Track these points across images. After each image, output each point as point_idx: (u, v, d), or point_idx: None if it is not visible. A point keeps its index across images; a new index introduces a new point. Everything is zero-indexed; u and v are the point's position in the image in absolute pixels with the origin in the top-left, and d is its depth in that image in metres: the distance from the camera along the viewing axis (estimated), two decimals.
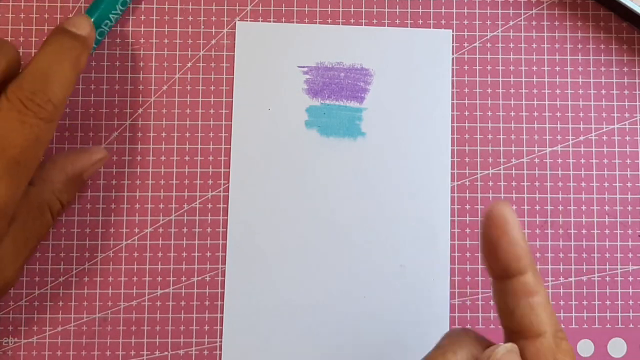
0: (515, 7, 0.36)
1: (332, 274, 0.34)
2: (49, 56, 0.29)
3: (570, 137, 0.35)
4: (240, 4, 0.35)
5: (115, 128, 0.35)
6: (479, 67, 0.35)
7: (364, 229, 0.34)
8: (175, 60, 0.35)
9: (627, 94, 0.36)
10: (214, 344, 0.34)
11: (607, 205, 0.35)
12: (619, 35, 0.36)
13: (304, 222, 0.34)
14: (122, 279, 0.34)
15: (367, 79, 0.35)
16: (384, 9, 0.35)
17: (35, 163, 0.29)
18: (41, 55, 0.29)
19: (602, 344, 0.35)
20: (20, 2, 0.35)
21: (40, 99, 0.28)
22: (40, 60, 0.29)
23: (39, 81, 0.29)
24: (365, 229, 0.34)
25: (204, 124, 0.35)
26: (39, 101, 0.28)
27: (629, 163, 0.35)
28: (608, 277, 0.35)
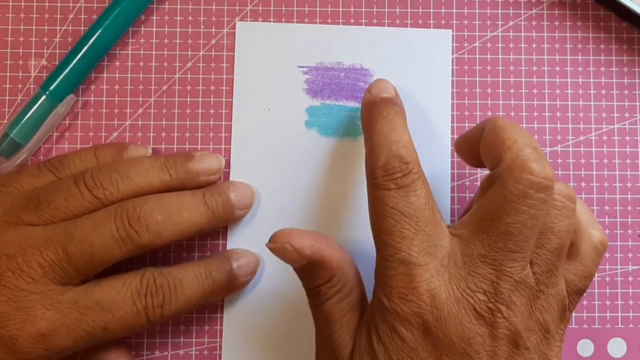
0: (515, 7, 0.36)
1: None
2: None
3: (570, 137, 0.35)
4: (240, 4, 0.35)
5: (115, 128, 0.35)
6: (479, 67, 0.35)
7: (365, 229, 0.34)
8: (175, 60, 0.35)
9: (627, 94, 0.36)
10: (214, 344, 0.34)
11: (607, 205, 0.35)
12: (619, 35, 0.36)
13: (304, 222, 0.34)
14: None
15: (367, 79, 0.35)
16: (384, 9, 0.35)
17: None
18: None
19: (602, 344, 0.35)
20: (20, 2, 0.35)
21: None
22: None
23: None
24: (365, 229, 0.34)
25: (204, 124, 0.35)
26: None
27: (629, 163, 0.35)
28: (608, 277, 0.35)
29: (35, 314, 0.29)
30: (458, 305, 0.26)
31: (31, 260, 0.29)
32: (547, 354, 0.27)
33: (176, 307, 0.31)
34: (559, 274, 0.28)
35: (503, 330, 0.26)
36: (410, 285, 0.26)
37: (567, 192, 0.28)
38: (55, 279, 0.29)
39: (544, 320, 0.27)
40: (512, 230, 0.26)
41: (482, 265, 0.26)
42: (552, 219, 0.27)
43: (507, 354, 0.26)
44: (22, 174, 0.32)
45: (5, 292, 0.29)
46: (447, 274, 0.27)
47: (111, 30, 0.34)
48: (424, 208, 0.27)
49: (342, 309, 0.28)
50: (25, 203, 0.30)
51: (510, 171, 0.26)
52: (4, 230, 0.30)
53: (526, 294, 0.27)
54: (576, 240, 0.29)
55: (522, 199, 0.26)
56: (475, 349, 0.26)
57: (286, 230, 0.28)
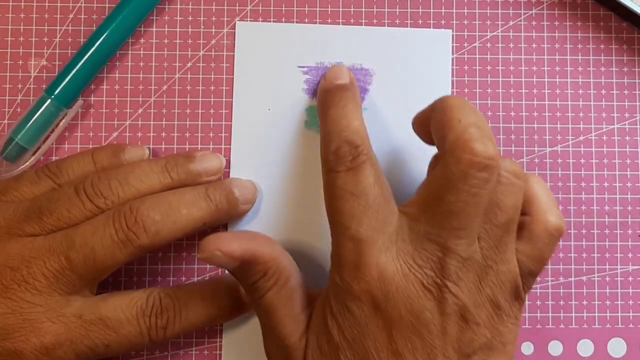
0: (515, 7, 0.36)
1: None
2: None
3: (570, 137, 0.35)
4: (240, 4, 0.35)
5: (115, 128, 0.35)
6: (479, 67, 0.35)
7: None
8: (175, 60, 0.35)
9: (627, 94, 0.36)
10: (214, 344, 0.34)
11: (607, 205, 0.35)
12: (619, 35, 0.36)
13: (305, 222, 0.34)
14: (122, 279, 0.34)
15: (367, 79, 0.35)
16: (384, 9, 0.35)
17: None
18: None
19: (602, 344, 0.35)
20: (20, 2, 0.35)
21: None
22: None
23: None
24: None
25: (204, 124, 0.35)
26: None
27: (629, 163, 0.35)
28: (608, 277, 0.35)
29: (40, 327, 0.29)
30: (406, 280, 0.26)
31: (35, 272, 0.29)
32: (500, 330, 0.27)
33: (179, 329, 0.31)
34: (509, 250, 0.28)
35: (451, 305, 0.26)
36: (360, 261, 0.27)
37: (513, 168, 0.28)
38: (60, 289, 0.29)
39: (494, 297, 0.27)
40: (455, 209, 0.26)
41: (428, 242, 0.27)
42: (499, 195, 0.27)
43: (457, 328, 0.27)
44: (20, 181, 0.32)
45: (10, 305, 0.29)
46: (395, 250, 0.27)
47: (117, 33, 0.34)
48: (372, 187, 0.28)
49: (281, 298, 0.29)
50: (27, 214, 0.30)
51: (452, 151, 0.26)
52: (7, 242, 0.30)
53: (474, 269, 0.27)
54: (531, 223, 0.29)
55: (464, 179, 0.26)
56: (424, 323, 0.26)
57: (212, 237, 0.28)
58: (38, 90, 0.35)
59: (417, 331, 0.26)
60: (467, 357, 0.27)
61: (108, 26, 0.33)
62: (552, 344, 0.35)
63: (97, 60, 0.34)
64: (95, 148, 0.34)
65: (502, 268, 0.27)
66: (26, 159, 0.33)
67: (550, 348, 0.35)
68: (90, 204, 0.31)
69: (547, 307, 0.35)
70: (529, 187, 0.29)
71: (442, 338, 0.26)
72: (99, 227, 0.30)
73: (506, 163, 0.28)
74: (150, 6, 0.34)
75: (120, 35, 0.34)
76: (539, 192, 0.29)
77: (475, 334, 0.27)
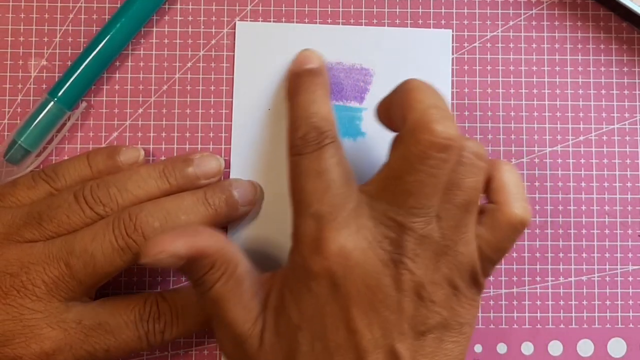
0: (515, 7, 0.36)
1: None
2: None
3: (570, 137, 0.35)
4: (240, 4, 0.35)
5: (115, 128, 0.35)
6: (479, 67, 0.35)
7: None
8: (175, 60, 0.35)
9: (627, 94, 0.36)
10: (214, 344, 0.34)
11: (607, 205, 0.35)
12: (619, 35, 0.36)
13: None
14: (121, 278, 0.34)
15: (367, 79, 0.35)
16: (384, 9, 0.35)
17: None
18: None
19: (602, 344, 0.35)
20: (20, 2, 0.35)
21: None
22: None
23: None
24: None
25: (204, 124, 0.35)
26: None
27: (629, 163, 0.35)
28: (608, 277, 0.35)
29: (40, 333, 0.29)
30: (365, 255, 0.27)
31: (35, 278, 0.29)
32: (457, 310, 0.27)
33: (177, 333, 0.31)
34: (469, 231, 0.28)
35: (407, 281, 0.27)
36: (320, 236, 0.27)
37: (476, 150, 0.28)
38: (59, 295, 0.29)
39: (451, 276, 0.27)
40: (412, 188, 0.26)
41: (387, 219, 0.27)
42: (459, 175, 0.27)
43: (413, 305, 0.27)
44: (17, 186, 0.32)
45: (10, 311, 0.29)
46: (355, 226, 0.27)
47: (121, 35, 0.34)
48: (335, 167, 0.28)
49: (230, 288, 0.28)
50: (26, 220, 0.31)
51: (412, 132, 0.26)
52: (6, 248, 0.30)
53: (431, 247, 0.27)
54: (495, 211, 0.29)
55: (422, 159, 0.26)
56: (380, 299, 0.26)
57: (153, 240, 0.27)
58: (38, 90, 0.35)
59: (374, 307, 0.26)
60: (422, 334, 0.27)
61: (111, 28, 0.33)
62: (552, 344, 0.35)
63: (100, 62, 0.34)
64: (91, 151, 0.34)
65: (461, 249, 0.27)
66: (29, 162, 0.33)
67: (550, 348, 0.35)
68: (90, 211, 0.31)
69: (547, 307, 0.35)
70: (499, 175, 0.29)
71: (397, 314, 0.26)
72: (99, 234, 0.30)
73: (470, 143, 0.28)
74: (154, 8, 0.34)
75: (123, 37, 0.34)
76: (508, 181, 0.29)
77: (431, 311, 0.27)
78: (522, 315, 0.35)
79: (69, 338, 0.29)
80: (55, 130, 0.34)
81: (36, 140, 0.33)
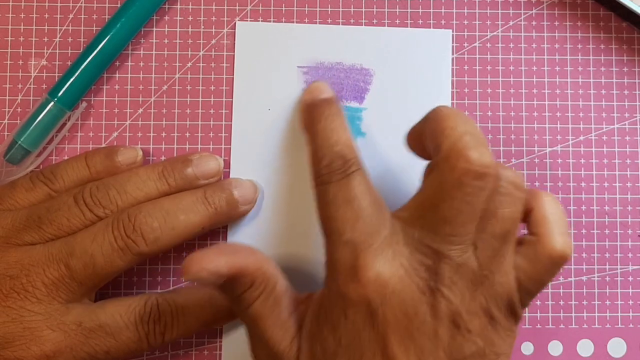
0: (515, 7, 0.36)
1: None
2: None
3: (570, 137, 0.35)
4: (240, 4, 0.35)
5: (115, 128, 0.35)
6: (479, 67, 0.35)
7: None
8: (175, 60, 0.35)
9: (627, 94, 0.36)
10: (214, 344, 0.34)
11: (607, 205, 0.35)
12: (619, 35, 0.36)
13: (305, 223, 0.34)
14: (121, 278, 0.34)
15: (367, 79, 0.35)
16: (384, 9, 0.35)
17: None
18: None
19: (602, 344, 0.35)
20: (20, 2, 0.35)
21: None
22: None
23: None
24: None
25: (204, 124, 0.35)
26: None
27: (629, 163, 0.35)
28: (608, 277, 0.35)
29: (40, 335, 0.29)
30: (402, 282, 0.26)
31: (35, 280, 0.29)
32: (494, 340, 0.27)
33: (177, 334, 0.31)
34: (506, 262, 0.27)
35: (444, 309, 0.26)
36: (356, 263, 0.27)
37: (514, 179, 0.27)
38: (59, 297, 0.30)
39: (487, 306, 0.27)
40: (448, 215, 0.26)
41: (423, 246, 0.27)
42: (496, 204, 0.27)
43: (449, 333, 0.26)
44: (15, 188, 0.32)
45: (10, 313, 0.29)
46: (391, 253, 0.27)
47: (121, 35, 0.34)
48: (364, 195, 0.28)
49: (269, 305, 0.28)
50: (26, 223, 0.31)
51: (447, 159, 0.26)
52: (6, 251, 0.30)
53: (468, 276, 0.27)
54: (536, 244, 0.28)
55: (458, 186, 0.26)
56: (417, 326, 0.26)
57: (195, 256, 0.27)
58: (38, 90, 0.35)
59: (411, 334, 0.26)
60: None
61: (111, 28, 0.33)
62: (552, 344, 0.35)
63: (100, 62, 0.34)
64: (88, 152, 0.34)
65: (498, 279, 0.27)
66: (29, 162, 0.33)
67: (550, 348, 0.35)
68: (90, 213, 0.31)
69: (547, 307, 0.35)
70: (541, 206, 0.29)
71: (434, 342, 0.26)
72: (99, 235, 0.30)
73: (507, 173, 0.27)
74: (154, 8, 0.34)
75: (123, 37, 0.34)
76: (551, 213, 0.29)
77: (467, 340, 0.27)
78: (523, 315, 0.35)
79: (69, 340, 0.29)
80: (55, 131, 0.34)
81: (36, 141, 0.33)
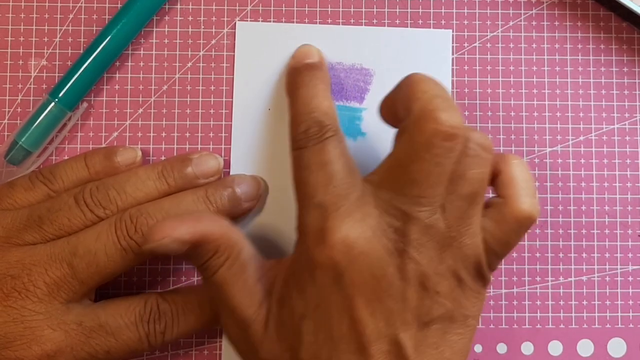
0: (515, 7, 0.36)
1: None
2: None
3: (570, 137, 0.35)
4: (240, 4, 0.35)
5: (115, 128, 0.35)
6: (479, 67, 0.35)
7: None
8: (175, 60, 0.35)
9: (627, 94, 0.36)
10: (214, 344, 0.34)
11: (607, 205, 0.35)
12: (619, 35, 0.36)
13: None
14: (121, 279, 0.34)
15: (367, 79, 0.35)
16: (384, 9, 0.35)
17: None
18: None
19: (602, 344, 0.35)
20: (20, 2, 0.35)
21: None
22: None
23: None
24: None
25: (204, 124, 0.35)
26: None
27: (629, 163, 0.35)
28: (608, 277, 0.35)
29: (41, 334, 0.29)
30: (369, 244, 0.26)
31: (37, 280, 0.29)
32: (462, 302, 0.27)
33: (178, 333, 0.31)
34: (474, 223, 0.27)
35: (411, 271, 0.26)
36: (324, 225, 0.27)
37: (482, 141, 0.28)
38: (60, 296, 0.30)
39: (456, 268, 0.27)
40: (417, 177, 0.26)
41: (391, 208, 0.27)
42: (464, 166, 0.27)
43: (417, 295, 0.27)
44: (14, 188, 0.32)
45: (11, 313, 0.29)
46: (359, 215, 0.27)
47: (121, 36, 0.34)
48: (337, 159, 0.28)
49: (235, 272, 0.28)
50: (26, 223, 0.31)
51: (417, 121, 0.26)
52: (7, 251, 0.30)
53: (436, 238, 0.27)
54: (503, 205, 0.28)
55: (427, 147, 0.26)
56: (384, 288, 0.26)
57: (157, 226, 0.27)
58: (38, 90, 0.35)
59: (378, 296, 0.26)
60: (425, 325, 0.27)
61: (112, 29, 0.33)
62: (552, 344, 0.35)
63: (101, 63, 0.34)
64: (87, 152, 0.33)
65: (466, 241, 0.27)
66: (30, 162, 0.33)
67: (550, 348, 0.35)
68: (91, 213, 0.31)
69: (547, 307, 0.35)
70: (508, 169, 0.29)
71: (401, 304, 0.26)
72: (102, 235, 0.30)
73: (475, 135, 0.28)
74: (155, 9, 0.34)
75: (124, 38, 0.34)
76: (517, 175, 0.29)
77: (435, 302, 0.27)
78: (522, 315, 0.35)
79: (70, 340, 0.29)
80: (56, 131, 0.34)
81: (37, 141, 0.33)
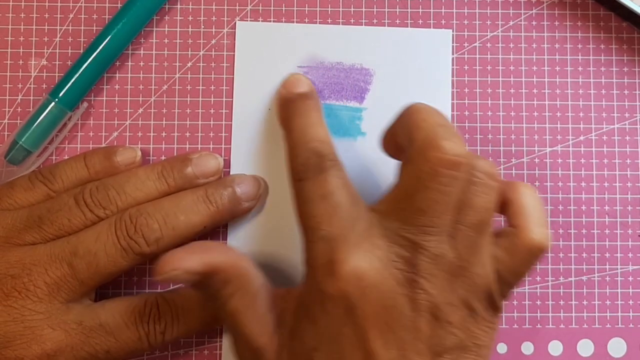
0: (515, 7, 0.36)
1: None
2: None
3: (570, 137, 0.35)
4: (240, 4, 0.35)
5: (115, 128, 0.35)
6: (479, 67, 0.35)
7: None
8: (175, 60, 0.35)
9: (627, 94, 0.36)
10: (214, 344, 0.34)
11: (607, 205, 0.35)
12: (619, 35, 0.36)
13: None
14: (121, 279, 0.34)
15: (367, 79, 0.35)
16: (384, 9, 0.35)
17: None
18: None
19: (602, 344, 0.35)
20: (20, 2, 0.35)
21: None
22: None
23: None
24: None
25: (204, 124, 0.35)
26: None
27: (629, 163, 0.35)
28: (608, 277, 0.35)
29: (41, 334, 0.29)
30: (380, 275, 0.26)
31: (37, 279, 0.29)
32: (474, 332, 0.27)
33: (177, 334, 0.31)
34: (484, 253, 0.27)
35: (423, 302, 0.26)
36: (333, 258, 0.27)
37: (487, 169, 0.27)
38: (60, 296, 0.30)
39: (467, 298, 0.27)
40: (424, 206, 0.26)
41: (399, 238, 0.27)
42: (470, 194, 0.27)
43: (429, 325, 0.26)
44: (14, 187, 0.32)
45: (12, 312, 0.29)
46: (368, 246, 0.27)
47: (121, 36, 0.34)
48: (340, 189, 0.28)
49: (246, 302, 0.28)
50: (26, 223, 0.31)
51: (421, 150, 0.26)
52: (7, 251, 0.30)
53: (446, 268, 0.27)
54: (514, 236, 0.28)
55: (432, 176, 0.26)
56: (396, 319, 0.26)
57: (167, 257, 0.27)
58: (38, 90, 0.35)
59: (390, 327, 0.26)
60: (438, 355, 0.26)
61: (112, 29, 0.33)
62: (552, 344, 0.35)
63: (101, 63, 0.34)
64: (87, 152, 0.33)
65: (476, 270, 0.27)
66: (30, 162, 0.33)
67: (550, 348, 0.35)
68: (91, 214, 0.31)
69: (547, 307, 0.35)
70: (518, 198, 0.29)
71: (414, 334, 0.26)
72: (102, 235, 0.30)
73: (480, 162, 0.27)
74: (155, 9, 0.34)
75: (124, 37, 0.34)
76: (528, 204, 0.29)
77: (447, 332, 0.27)
78: (522, 315, 0.35)
79: (70, 339, 0.29)
80: (56, 131, 0.34)
81: (37, 141, 0.33)
